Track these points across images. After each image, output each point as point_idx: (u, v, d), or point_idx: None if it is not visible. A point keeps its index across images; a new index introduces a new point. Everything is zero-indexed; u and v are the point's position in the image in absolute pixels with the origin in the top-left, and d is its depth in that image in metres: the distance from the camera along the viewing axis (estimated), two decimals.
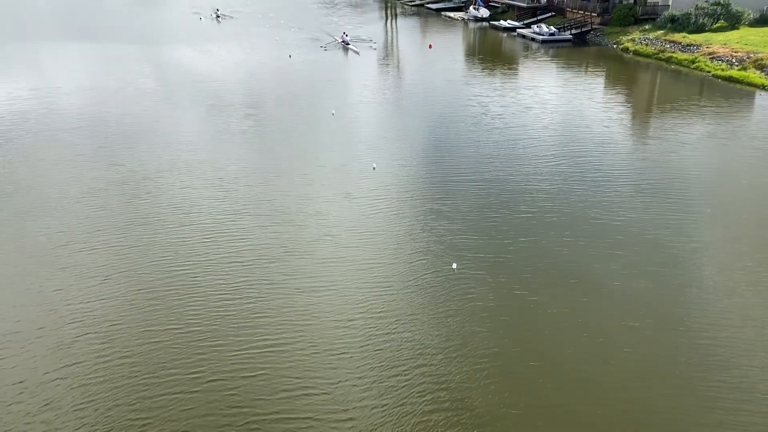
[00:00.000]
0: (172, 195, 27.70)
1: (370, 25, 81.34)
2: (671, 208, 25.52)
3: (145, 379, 16.48)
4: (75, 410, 15.49)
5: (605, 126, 37.14)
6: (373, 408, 15.42)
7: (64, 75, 52.24)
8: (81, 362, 17.12)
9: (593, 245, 22.77)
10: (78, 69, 54.99)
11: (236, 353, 17.37)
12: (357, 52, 61.83)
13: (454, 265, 20.94)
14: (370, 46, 65.49)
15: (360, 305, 19.43)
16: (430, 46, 65.88)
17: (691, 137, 34.57)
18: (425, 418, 15.11)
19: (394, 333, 18.12)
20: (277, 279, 20.97)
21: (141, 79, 50.66)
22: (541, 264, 21.58)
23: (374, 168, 29.59)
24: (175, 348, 17.65)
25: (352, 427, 14.90)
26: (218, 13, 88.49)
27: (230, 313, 19.16)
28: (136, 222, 25.21)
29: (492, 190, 27.71)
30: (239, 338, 17.99)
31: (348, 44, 64.83)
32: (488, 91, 46.04)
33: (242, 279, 21.00)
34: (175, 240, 23.73)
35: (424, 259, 22.05)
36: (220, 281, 20.87)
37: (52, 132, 36.55)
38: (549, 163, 30.82)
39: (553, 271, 21.12)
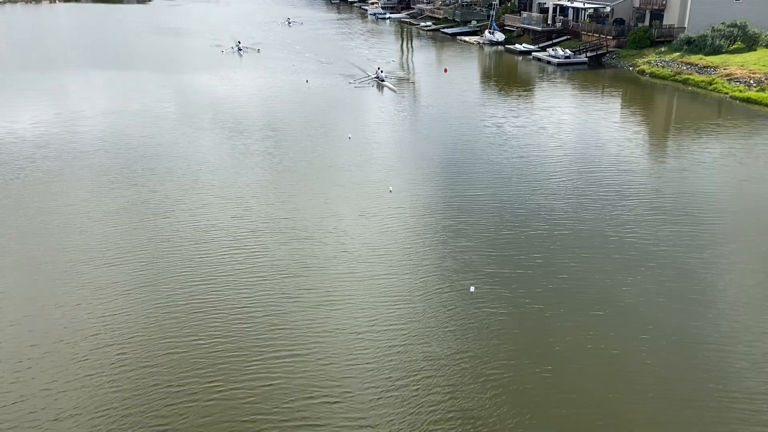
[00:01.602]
0: (192, 213, 28.05)
1: (386, 50, 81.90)
2: (686, 227, 25.44)
3: (163, 387, 16.78)
4: (93, 418, 15.69)
5: (621, 146, 37.11)
6: (386, 416, 15.56)
7: (87, 100, 53.04)
8: (100, 372, 17.35)
9: (608, 263, 22.73)
10: (100, 95, 55.86)
11: (254, 362, 17.70)
12: (394, 90, 55.91)
13: (472, 288, 20.85)
14: (407, 79, 61.73)
15: (375, 320, 19.56)
16: (446, 70, 66.19)
17: (708, 157, 34.47)
18: (437, 427, 15.21)
19: (408, 346, 18.24)
20: (294, 293, 21.23)
21: (161, 104, 51.28)
22: (555, 281, 21.56)
23: (390, 191, 29.64)
24: (194, 358, 17.94)
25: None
26: (240, 46, 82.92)
27: (249, 324, 19.47)
28: (157, 239, 25.57)
29: (508, 209, 27.81)
30: (257, 348, 18.31)
31: (383, 80, 58.89)
32: (504, 113, 46.20)
33: (261, 292, 21.29)
34: (195, 255, 24.05)
35: (440, 277, 22.12)
36: (240, 295, 21.18)
37: (74, 154, 37.07)
38: (565, 183, 30.86)
39: (567, 289, 21.08)
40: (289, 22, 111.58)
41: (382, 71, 60.80)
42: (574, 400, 16.04)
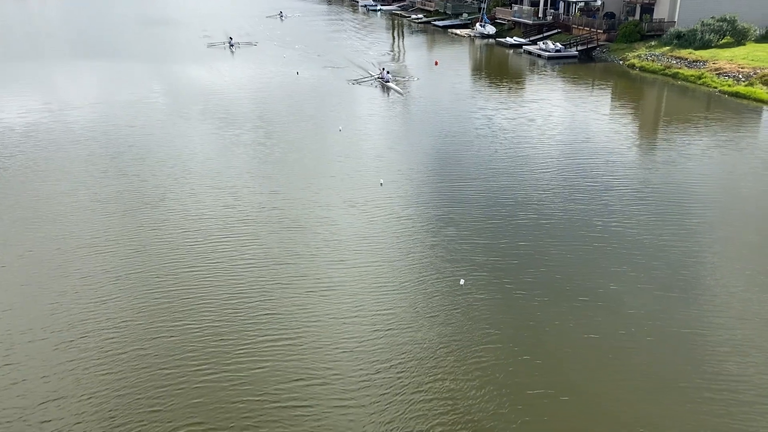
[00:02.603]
0: (182, 202, 28.09)
1: (378, 42, 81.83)
2: (672, 217, 25.66)
3: (154, 370, 16.93)
4: (81, 401, 15.81)
5: (609, 139, 37.34)
6: (374, 397, 15.83)
7: (75, 91, 52.83)
8: (90, 356, 17.42)
9: (594, 252, 22.93)
10: (89, 85, 55.66)
11: (245, 347, 17.86)
12: (400, 93, 50.86)
13: (462, 281, 20.93)
14: (412, 78, 56.42)
15: (364, 306, 19.73)
16: (436, 63, 66.21)
17: (695, 150, 34.73)
18: (423, 406, 15.49)
19: (396, 331, 18.42)
20: (285, 280, 21.35)
21: (151, 95, 51.13)
22: (542, 270, 21.76)
23: (381, 184, 29.66)
24: (185, 343, 18.07)
25: (349, 413, 15.30)
26: (232, 41, 78.46)
27: (239, 310, 19.60)
28: (147, 227, 25.61)
29: (497, 200, 27.97)
30: (248, 333, 18.49)
31: (387, 81, 53.77)
32: (494, 106, 46.36)
33: (252, 280, 21.41)
34: (185, 243, 24.10)
35: (429, 265, 22.28)
36: (230, 282, 21.29)
37: (63, 143, 36.96)
38: (553, 174, 31.05)
39: (554, 277, 21.28)
40: (281, 16, 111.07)
41: (387, 72, 55.69)
42: (557, 384, 16.21)
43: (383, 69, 56.83)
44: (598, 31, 68.85)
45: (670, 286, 20.58)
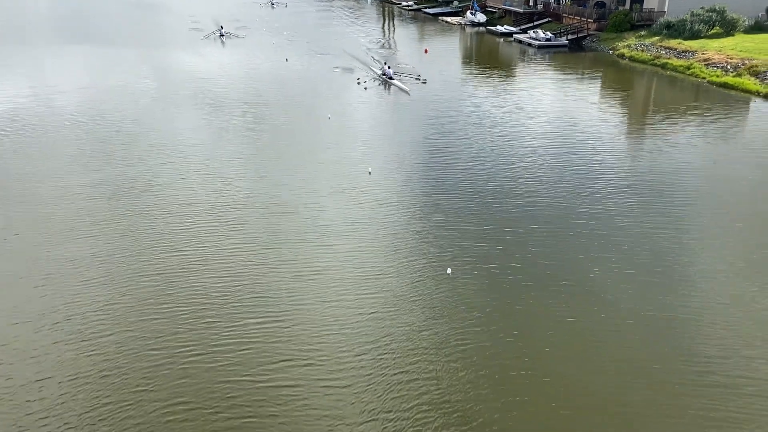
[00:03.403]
0: (170, 186, 28.12)
1: (368, 30, 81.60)
2: (657, 204, 25.82)
3: (141, 352, 16.96)
4: (68, 381, 15.85)
5: (597, 127, 37.49)
6: (358, 377, 16.00)
7: (61, 75, 52.49)
8: (77, 338, 17.46)
9: (579, 238, 23.08)
10: (75, 70, 55.31)
11: (232, 328, 17.95)
12: (406, 92, 46.55)
13: (449, 270, 20.98)
14: (417, 79, 50.91)
15: (351, 290, 19.84)
16: (426, 51, 66.11)
17: (683, 139, 34.92)
18: (406, 386, 15.69)
19: (381, 314, 18.55)
20: (273, 264, 21.42)
21: (139, 80, 50.91)
22: (527, 255, 21.90)
23: (370, 173, 29.62)
24: (172, 325, 18.13)
25: (334, 393, 15.48)
26: (222, 31, 75.83)
27: (227, 293, 19.66)
28: (134, 211, 25.61)
29: (484, 186, 28.08)
30: (236, 315, 18.57)
31: (391, 78, 49.73)
32: (484, 94, 46.41)
33: (240, 263, 21.45)
34: (172, 227, 24.12)
35: (415, 250, 22.41)
36: (218, 265, 21.34)
37: (50, 128, 36.81)
38: (540, 161, 31.19)
39: (538, 263, 21.42)
40: (273, 4, 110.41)
41: (389, 67, 51.40)
42: (538, 366, 16.38)
43: (385, 63, 52.72)
44: (589, 20, 68.92)
45: (653, 271, 20.76)
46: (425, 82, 49.75)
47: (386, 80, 49.97)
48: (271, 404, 15.13)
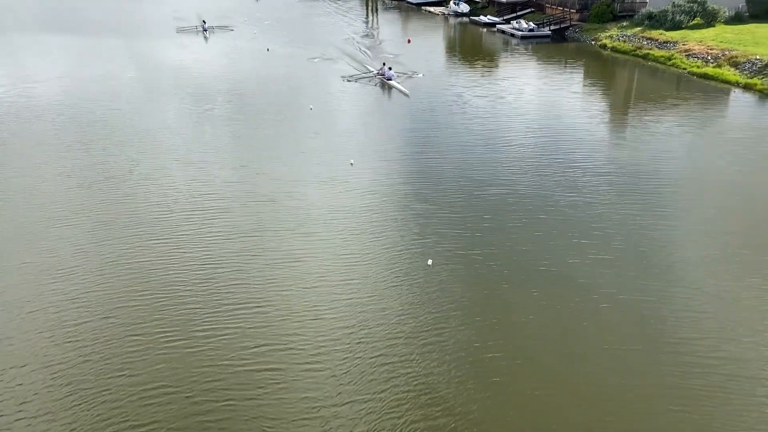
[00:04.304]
0: (150, 175, 28.03)
1: (350, 20, 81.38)
2: (636, 193, 26.04)
3: (121, 338, 16.99)
4: (46, 367, 15.85)
5: (578, 117, 37.76)
6: (337, 359, 16.15)
7: (41, 64, 52.04)
8: (56, 324, 17.41)
9: (558, 226, 23.25)
10: (52, 59, 54.90)
11: (214, 314, 18.00)
12: (406, 94, 42.75)
13: (430, 261, 21.01)
14: (414, 74, 48.67)
15: (331, 276, 19.95)
16: (409, 41, 66.05)
17: (662, 128, 35.22)
18: (384, 368, 15.87)
19: (361, 299, 18.68)
20: (255, 251, 21.47)
21: (118, 70, 50.55)
22: (506, 243, 22.04)
23: (352, 164, 29.56)
24: (153, 310, 18.17)
25: (313, 375, 15.63)
26: (205, 26, 72.11)
27: (209, 280, 19.70)
28: (114, 199, 25.56)
29: (465, 175, 28.24)
30: (217, 301, 18.62)
31: (390, 79, 45.92)
32: (466, 83, 46.55)
33: (221, 251, 21.49)
34: (154, 215, 24.09)
35: (396, 238, 22.55)
36: (200, 252, 21.38)
37: (27, 116, 36.48)
38: (521, 150, 31.41)
39: (518, 250, 21.59)
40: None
41: (390, 68, 47.24)
42: (515, 349, 16.58)
43: (384, 64, 48.63)
44: (571, 10, 69.13)
45: (629, 258, 20.98)
46: (423, 75, 48.57)
47: (383, 80, 46.48)
48: (251, 387, 15.21)
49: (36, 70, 49.40)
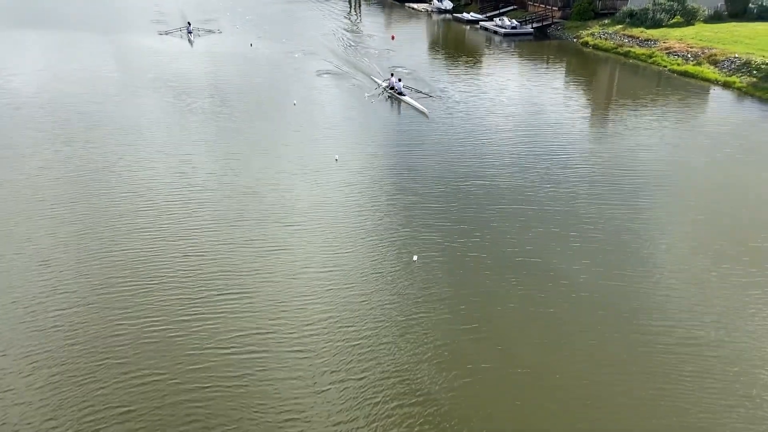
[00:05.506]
0: (133, 168, 28.03)
1: (333, 17, 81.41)
2: (616, 188, 26.41)
3: (103, 325, 17.07)
4: (30, 354, 15.90)
5: (559, 113, 38.15)
6: (319, 343, 16.41)
7: (19, 58, 51.57)
8: (40, 314, 17.45)
9: (539, 220, 23.53)
10: (34, 53, 54.46)
11: (198, 302, 18.13)
12: (424, 113, 36.99)
13: (415, 257, 21.14)
14: (430, 95, 41.36)
15: (313, 266, 20.13)
16: (393, 37, 66.20)
17: (643, 124, 35.65)
18: (362, 352, 16.16)
19: (344, 287, 18.91)
20: (239, 242, 21.60)
21: (100, 64, 50.31)
22: (488, 236, 22.29)
23: (336, 160, 29.63)
24: (137, 299, 18.24)
25: (297, 359, 15.86)
26: (190, 28, 68.03)
27: (193, 270, 19.81)
28: (97, 192, 25.54)
29: (447, 169, 28.55)
30: (202, 290, 18.73)
31: (401, 93, 40.56)
32: (449, 79, 46.85)
33: (205, 241, 21.60)
34: (137, 207, 24.11)
35: (379, 229, 22.78)
36: (184, 243, 21.46)
37: (6, 109, 36.18)
38: (502, 145, 31.72)
39: (499, 243, 21.85)
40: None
41: (400, 80, 41.77)
42: (493, 336, 16.84)
43: (392, 75, 43.11)
44: (553, 8, 69.65)
45: (608, 248, 21.32)
46: (440, 96, 41.30)
47: (394, 93, 41.06)
48: (238, 371, 15.35)
49: (14, 63, 49.00)
